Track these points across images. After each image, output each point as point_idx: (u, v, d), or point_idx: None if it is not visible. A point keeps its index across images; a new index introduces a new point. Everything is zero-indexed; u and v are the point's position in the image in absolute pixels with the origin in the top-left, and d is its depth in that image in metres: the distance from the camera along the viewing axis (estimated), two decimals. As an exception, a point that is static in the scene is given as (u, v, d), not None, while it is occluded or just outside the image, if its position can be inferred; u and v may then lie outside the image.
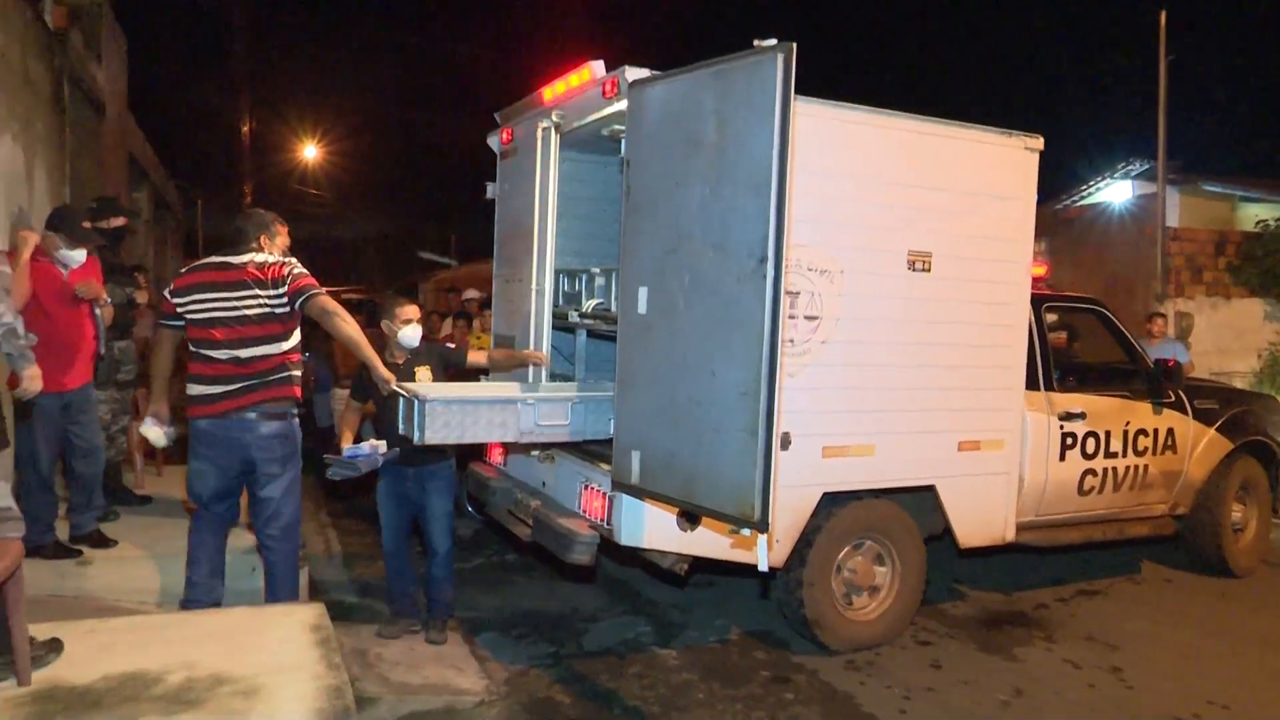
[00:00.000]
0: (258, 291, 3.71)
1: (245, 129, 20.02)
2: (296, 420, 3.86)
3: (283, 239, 3.99)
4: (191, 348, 3.76)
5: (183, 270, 3.93)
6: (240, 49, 16.43)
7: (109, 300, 4.78)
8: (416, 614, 4.66)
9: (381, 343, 4.44)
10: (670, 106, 3.67)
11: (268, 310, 3.72)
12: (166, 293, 3.83)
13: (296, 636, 3.30)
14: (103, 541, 4.66)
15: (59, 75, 7.24)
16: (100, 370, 4.87)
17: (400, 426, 3.99)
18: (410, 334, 4.41)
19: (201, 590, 3.83)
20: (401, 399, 3.98)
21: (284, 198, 31.09)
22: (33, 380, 3.03)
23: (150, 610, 4.27)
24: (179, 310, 3.75)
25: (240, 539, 4.92)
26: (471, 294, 9.90)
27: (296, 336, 3.84)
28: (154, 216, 13.26)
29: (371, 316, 9.71)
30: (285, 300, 3.72)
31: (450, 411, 3.84)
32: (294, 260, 3.87)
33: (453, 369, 4.65)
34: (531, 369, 4.96)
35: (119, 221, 5.18)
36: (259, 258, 3.79)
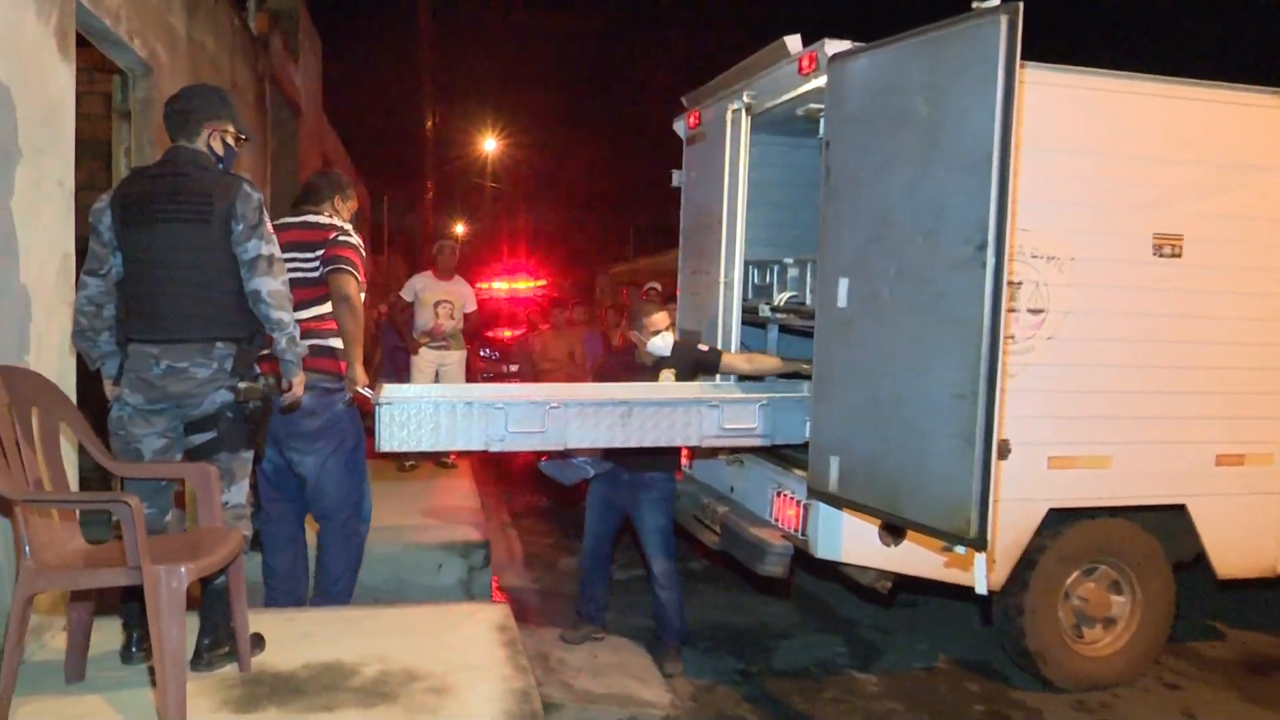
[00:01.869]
0: (296, 255, 3.73)
1: (428, 125, 21.29)
2: (333, 396, 3.82)
3: (353, 203, 4.10)
4: None
5: None
6: (424, 47, 17.47)
7: None
8: (602, 621, 4.80)
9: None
10: (875, 80, 3.58)
11: (301, 275, 3.72)
12: None
13: (483, 636, 3.48)
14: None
15: (261, 78, 7.96)
16: None
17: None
18: (659, 344, 4.50)
19: (280, 586, 3.96)
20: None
21: (463, 191, 32.87)
22: (300, 387, 3.31)
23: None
24: None
25: (422, 534, 5.26)
26: (654, 287, 10.04)
27: (328, 306, 3.80)
28: (344, 214, 14.34)
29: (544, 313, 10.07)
30: (318, 264, 3.75)
31: (407, 415, 3.72)
32: (348, 227, 3.89)
33: (702, 373, 4.60)
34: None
35: None
36: (313, 218, 3.86)
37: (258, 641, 3.20)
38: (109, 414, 3.10)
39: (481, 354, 11.97)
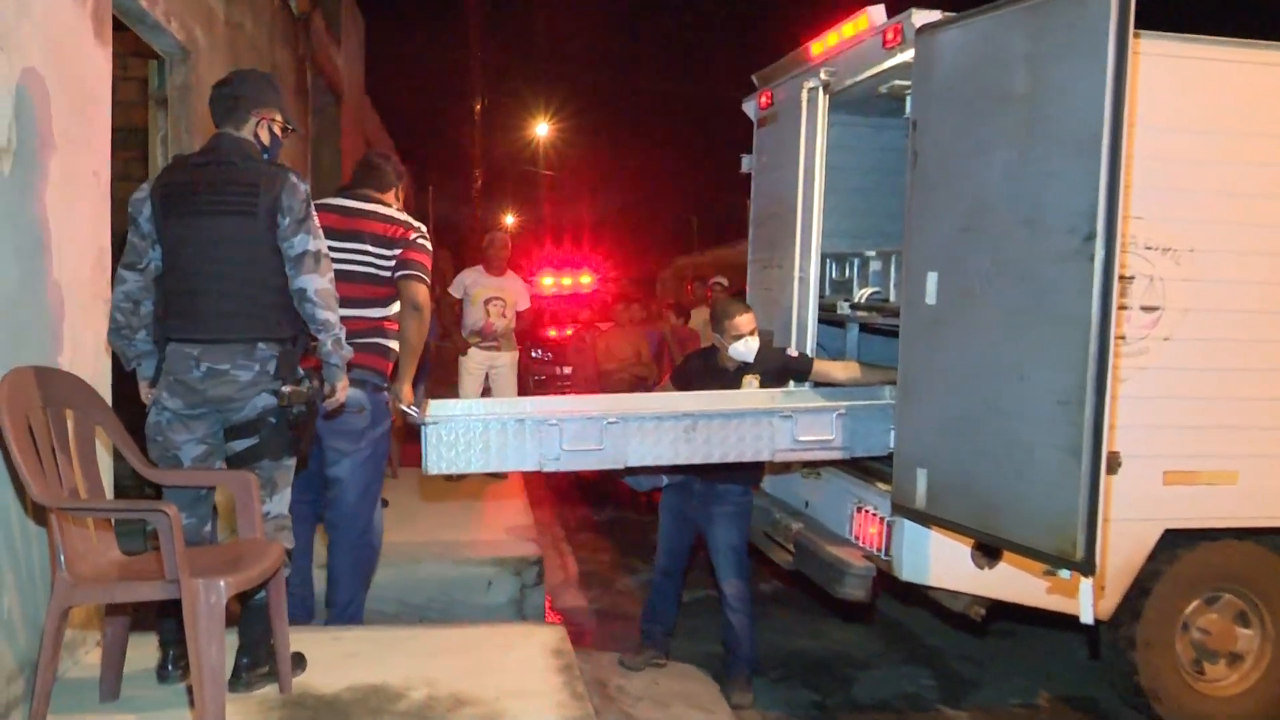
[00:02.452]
0: (370, 248, 3.82)
1: (476, 108, 21.58)
2: (383, 395, 3.93)
3: (404, 192, 4.18)
4: None
5: None
6: (473, 25, 17.73)
7: None
8: (665, 647, 4.79)
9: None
10: (968, 54, 3.54)
11: (373, 271, 3.82)
12: None
13: (537, 660, 3.51)
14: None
15: (302, 61, 8.14)
16: None
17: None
18: (742, 349, 4.46)
19: (295, 593, 3.89)
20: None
21: (513, 179, 33.20)
22: (344, 392, 3.37)
23: (387, 617, 4.71)
24: None
25: (471, 549, 5.32)
26: (719, 282, 10.04)
27: (397, 306, 3.91)
28: (387, 205, 14.59)
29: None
30: (394, 264, 3.83)
31: (455, 435, 3.72)
32: (424, 229, 3.97)
33: (791, 380, 4.56)
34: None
35: None
36: (384, 210, 3.92)
37: (299, 661, 3.26)
38: (147, 418, 3.18)
39: (533, 354, 12.09)
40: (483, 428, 3.79)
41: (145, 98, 5.50)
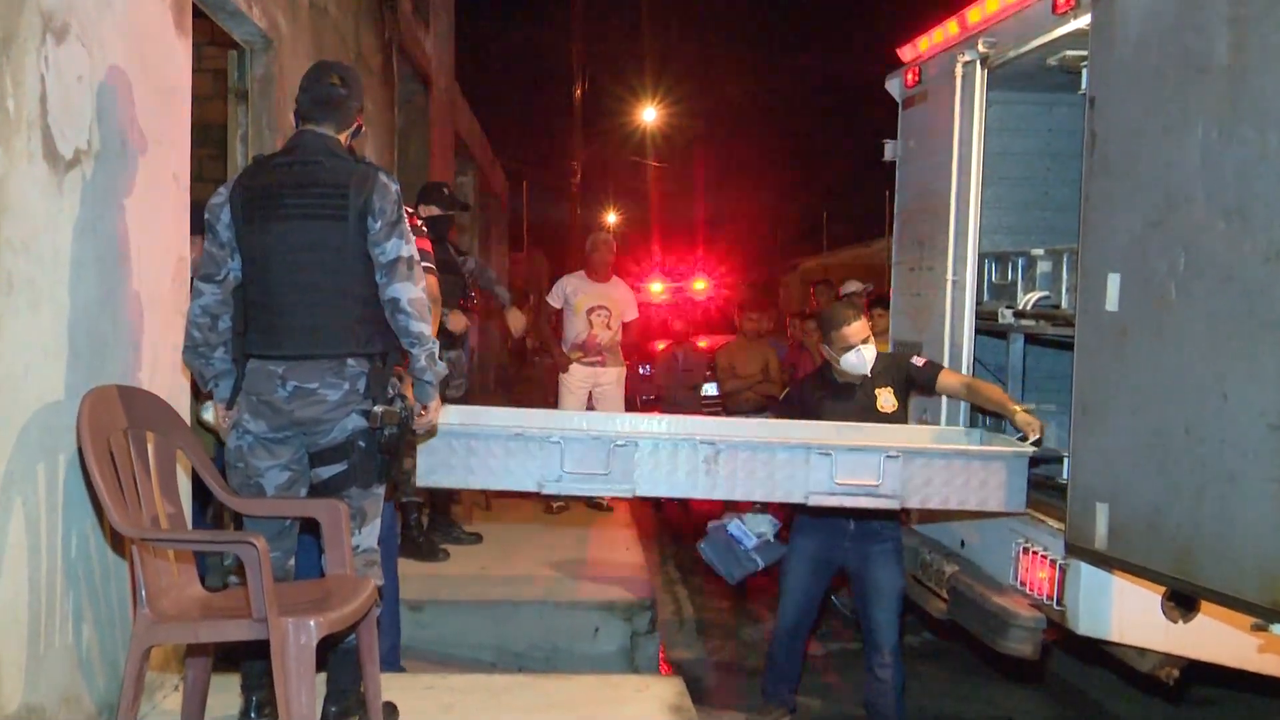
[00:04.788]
0: None
1: (576, 93, 21.93)
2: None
3: None
4: None
5: None
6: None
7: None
8: (792, 704, 4.78)
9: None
10: (1157, 18, 3.47)
11: None
12: None
13: (654, 717, 3.56)
14: (433, 585, 5.32)
15: (388, 46, 8.40)
16: None
17: None
18: (853, 361, 4.47)
19: None
20: None
21: (616, 172, 33.56)
22: (436, 413, 3.48)
23: (484, 665, 4.82)
24: None
25: (575, 590, 5.39)
26: (854, 287, 9.97)
27: None
28: (479, 202, 14.91)
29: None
30: None
31: (449, 447, 3.76)
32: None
33: (916, 392, 4.58)
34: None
35: (433, 211, 5.77)
36: None
37: (391, 712, 3.37)
38: (227, 443, 3.32)
39: (641, 370, 12.21)
40: (475, 441, 3.84)
41: (220, 91, 5.74)
